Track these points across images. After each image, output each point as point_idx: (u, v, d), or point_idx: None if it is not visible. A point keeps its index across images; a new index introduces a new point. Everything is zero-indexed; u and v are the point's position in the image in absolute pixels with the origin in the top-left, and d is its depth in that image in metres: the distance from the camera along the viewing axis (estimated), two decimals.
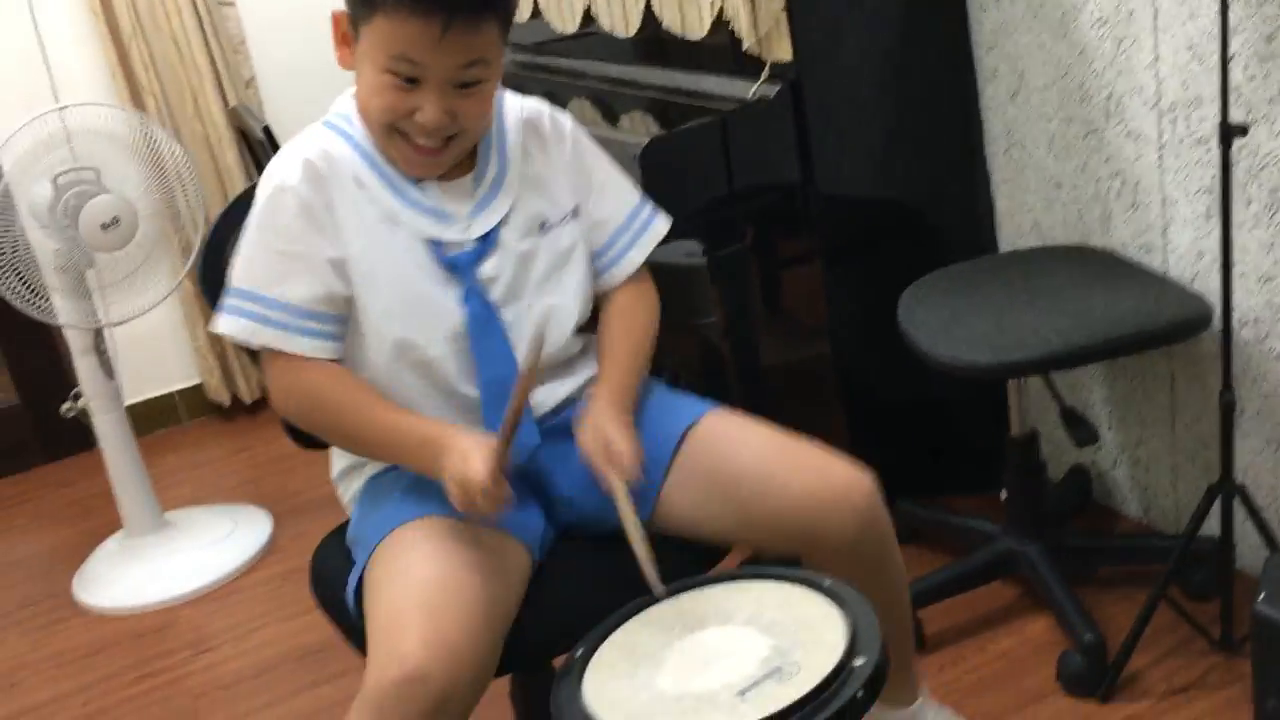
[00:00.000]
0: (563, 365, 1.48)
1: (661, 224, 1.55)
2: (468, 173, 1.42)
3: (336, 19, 1.36)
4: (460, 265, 1.39)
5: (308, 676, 2.24)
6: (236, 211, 1.58)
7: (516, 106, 1.48)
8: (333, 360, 1.38)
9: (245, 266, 1.37)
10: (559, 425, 1.44)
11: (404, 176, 1.39)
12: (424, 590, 1.25)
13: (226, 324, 1.37)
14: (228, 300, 1.37)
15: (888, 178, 2.20)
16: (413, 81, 1.30)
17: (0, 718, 2.31)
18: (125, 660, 2.41)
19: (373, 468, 1.48)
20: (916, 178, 2.21)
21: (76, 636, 2.53)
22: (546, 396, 1.46)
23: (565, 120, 1.50)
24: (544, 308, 1.44)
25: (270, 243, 1.36)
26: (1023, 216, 2.22)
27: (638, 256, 1.52)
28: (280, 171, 1.37)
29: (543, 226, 1.45)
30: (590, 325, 1.54)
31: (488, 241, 1.41)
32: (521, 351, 1.41)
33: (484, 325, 1.40)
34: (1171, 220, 1.93)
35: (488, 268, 1.41)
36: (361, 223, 1.37)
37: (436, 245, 1.39)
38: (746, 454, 1.40)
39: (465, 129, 1.35)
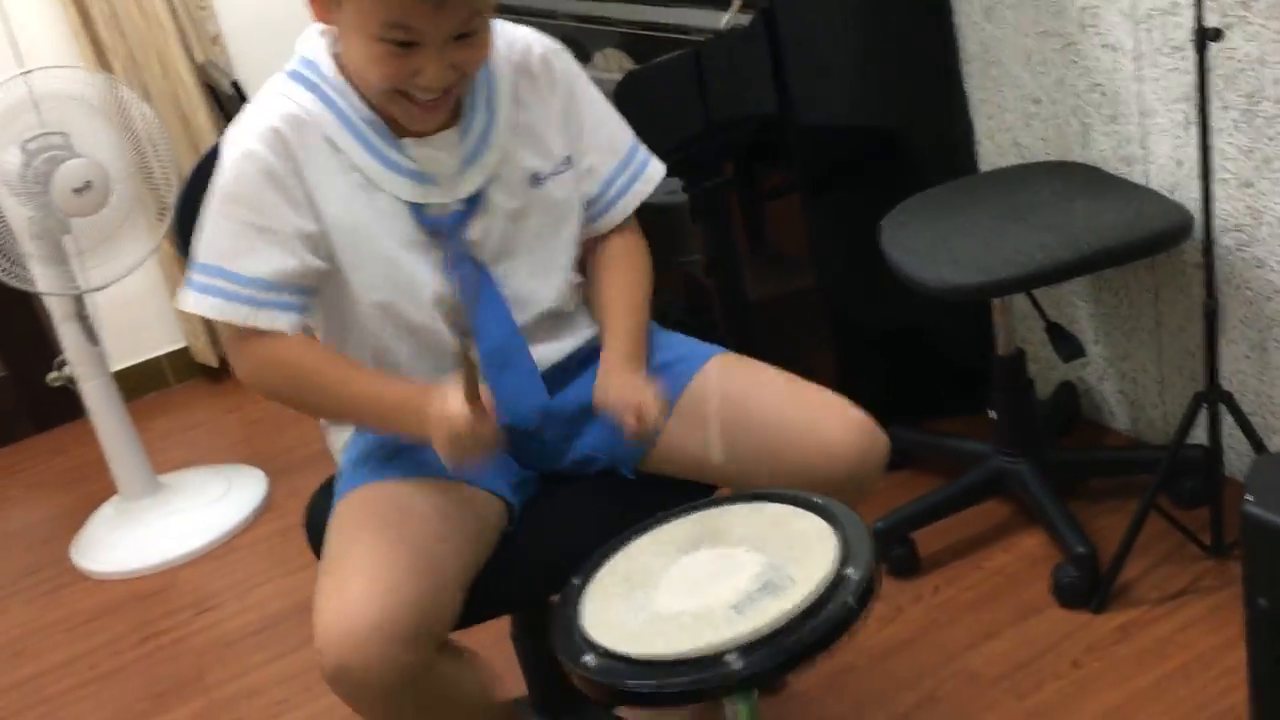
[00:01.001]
0: (561, 319, 1.45)
1: (655, 169, 1.49)
2: (453, 124, 1.34)
3: None
4: (445, 228, 1.34)
5: (310, 630, 2.23)
6: (207, 168, 1.56)
7: (506, 44, 1.38)
8: (301, 332, 1.35)
9: (211, 240, 1.32)
10: (557, 377, 1.43)
11: (382, 133, 1.32)
12: (375, 542, 1.25)
13: (193, 301, 1.32)
14: (193, 275, 1.32)
15: (865, 104, 2.18)
16: (408, 45, 1.22)
17: (9, 684, 2.33)
18: (129, 623, 2.43)
19: None
20: (894, 102, 2.20)
21: (79, 602, 2.55)
22: (547, 353, 1.43)
23: (558, 56, 1.42)
24: (538, 263, 1.41)
25: (236, 214, 1.30)
26: (1002, 135, 2.21)
27: (631, 203, 1.47)
28: (244, 138, 1.30)
29: (535, 180, 1.38)
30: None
31: (475, 202, 1.35)
32: (523, 311, 1.39)
33: (474, 289, 1.35)
34: (1150, 131, 1.93)
35: (475, 229, 1.36)
36: (336, 190, 1.31)
37: (418, 208, 1.33)
38: (757, 399, 1.39)
39: (466, 75, 1.29)
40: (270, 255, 1.30)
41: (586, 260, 1.49)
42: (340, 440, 1.50)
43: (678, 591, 1.12)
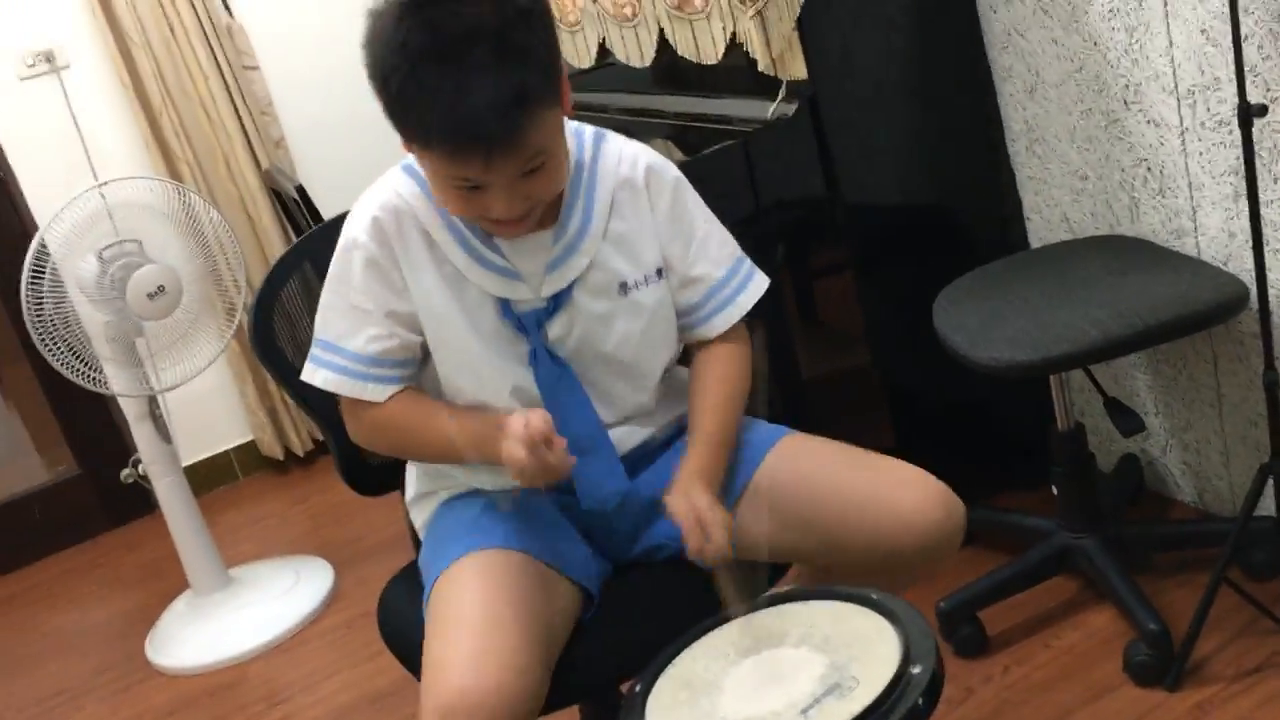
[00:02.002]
0: (643, 412, 1.48)
1: (760, 282, 1.51)
2: (548, 227, 1.40)
3: None
4: (528, 324, 1.40)
5: None
6: (280, 273, 1.63)
7: (615, 158, 1.43)
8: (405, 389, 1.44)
9: (324, 318, 1.43)
10: (637, 461, 1.46)
11: (475, 231, 1.38)
12: (470, 626, 1.28)
13: (311, 373, 1.44)
14: (313, 350, 1.44)
15: (912, 184, 2.21)
16: (476, 188, 1.28)
17: None
18: (203, 718, 2.46)
19: (444, 494, 1.52)
20: (941, 181, 2.23)
21: (154, 698, 2.58)
22: (626, 438, 1.46)
23: (666, 171, 1.46)
24: (624, 366, 1.44)
25: (344, 295, 1.41)
26: (1050, 211, 2.23)
27: (734, 314, 1.49)
28: (353, 227, 1.40)
29: (622, 287, 1.42)
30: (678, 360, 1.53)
31: (559, 300, 1.40)
32: (605, 407, 1.43)
33: (555, 382, 1.40)
34: (1200, 203, 1.93)
35: (556, 326, 1.40)
36: (428, 278, 1.38)
37: (505, 303, 1.39)
38: (830, 472, 1.40)
39: (540, 201, 1.33)
40: (372, 334, 1.40)
41: (691, 357, 1.52)
42: (423, 516, 1.54)
43: (743, 697, 1.12)
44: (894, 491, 1.36)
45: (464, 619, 1.30)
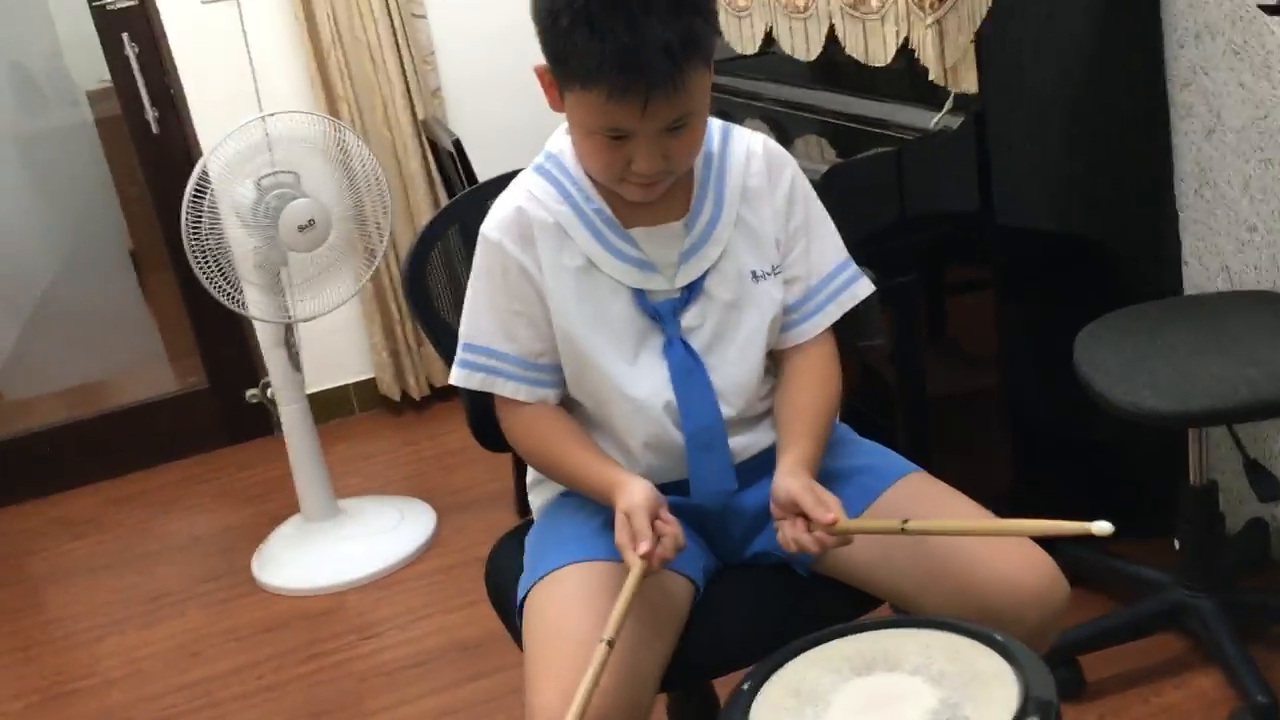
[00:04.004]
0: (757, 418, 1.48)
1: (863, 287, 1.49)
2: (681, 216, 1.41)
3: (539, 72, 1.34)
4: (663, 313, 1.41)
5: (468, 669, 2.32)
6: (432, 231, 1.67)
7: (743, 147, 1.45)
8: (556, 402, 1.46)
9: (471, 320, 1.45)
10: (746, 474, 1.45)
11: (610, 224, 1.40)
12: (569, 644, 1.28)
13: (461, 377, 1.46)
14: (460, 354, 1.46)
15: (1070, 213, 2.16)
16: (623, 136, 1.30)
17: (181, 684, 2.47)
18: (296, 639, 2.55)
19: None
20: (1100, 214, 2.17)
21: (252, 613, 2.68)
22: (740, 447, 1.45)
23: (787, 162, 1.46)
24: (746, 357, 1.44)
25: (491, 297, 1.42)
26: (1211, 259, 2.16)
27: (835, 312, 1.48)
28: (493, 228, 1.42)
29: (753, 276, 1.43)
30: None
31: (693, 290, 1.42)
32: (727, 402, 1.42)
33: (687, 374, 1.41)
34: None
35: (690, 316, 1.41)
36: (564, 276, 1.40)
37: (640, 294, 1.41)
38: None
39: (676, 168, 1.35)
40: (522, 336, 1.42)
41: (780, 366, 1.50)
42: (541, 499, 1.56)
43: (848, 715, 1.10)
44: (1003, 557, 1.32)
45: (560, 639, 1.29)
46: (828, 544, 1.29)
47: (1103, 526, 1.12)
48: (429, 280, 1.65)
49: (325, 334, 3.29)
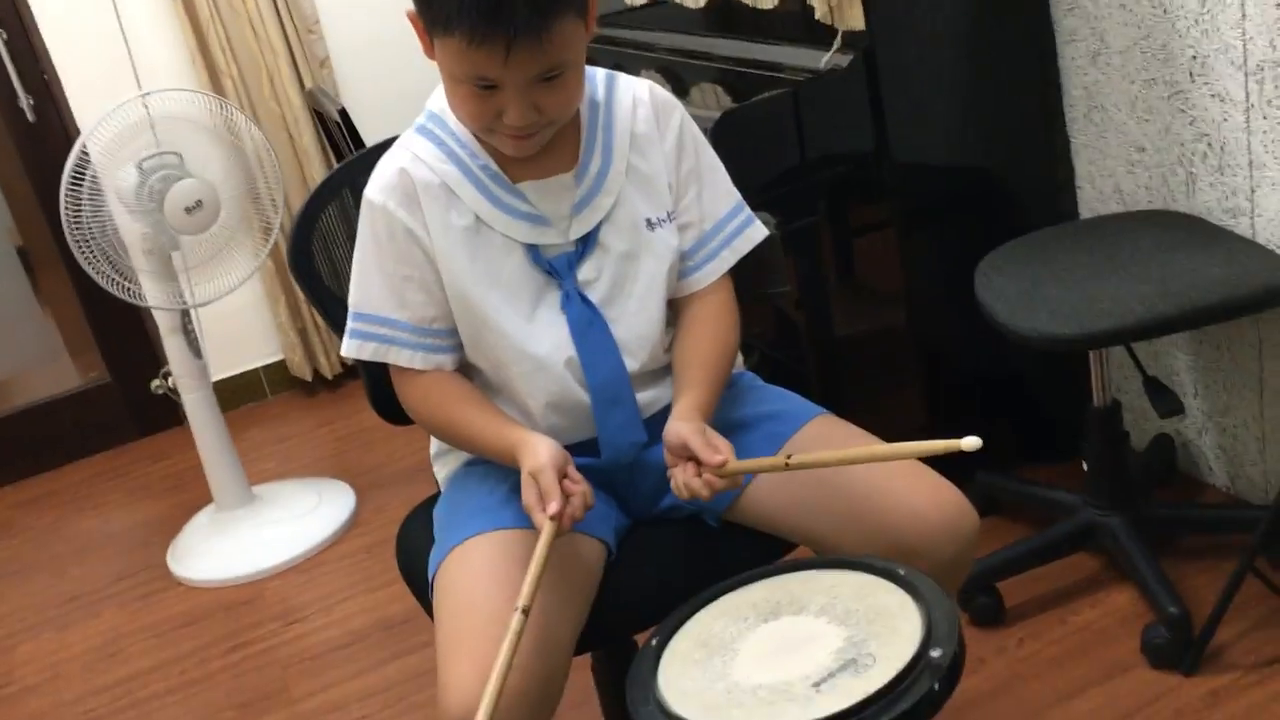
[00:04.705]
0: (660, 370, 1.46)
1: (757, 232, 1.48)
2: (569, 169, 1.38)
3: (411, 18, 1.32)
4: (559, 268, 1.38)
5: (394, 646, 2.30)
6: (319, 198, 1.62)
7: (629, 94, 1.42)
8: (453, 369, 1.43)
9: (360, 288, 1.41)
10: (653, 427, 1.43)
11: (498, 180, 1.37)
12: (480, 618, 1.25)
13: (352, 348, 1.41)
14: (351, 324, 1.42)
15: (964, 145, 2.17)
16: (491, 87, 1.26)
17: (103, 685, 2.41)
18: (218, 631, 2.50)
19: (466, 454, 1.50)
20: (994, 144, 2.18)
21: (172, 607, 2.62)
22: (646, 401, 1.43)
23: (675, 108, 1.44)
24: (646, 308, 1.41)
25: (379, 263, 1.38)
26: (1104, 182, 2.18)
27: (730, 258, 1.47)
28: (376, 192, 1.38)
29: (647, 224, 1.41)
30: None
31: (588, 242, 1.39)
32: (631, 355, 1.40)
33: (587, 328, 1.38)
34: (1259, 184, 1.88)
35: (587, 269, 1.39)
36: (452, 235, 1.36)
37: (534, 249, 1.38)
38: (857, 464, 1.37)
39: (553, 119, 1.31)
40: (415, 302, 1.38)
41: (677, 315, 1.48)
42: (445, 470, 1.53)
43: (756, 662, 1.10)
44: (912, 493, 1.33)
45: (471, 612, 1.27)
46: (717, 486, 1.28)
47: (972, 441, 1.12)
48: (316, 253, 1.61)
49: (229, 317, 3.22)
